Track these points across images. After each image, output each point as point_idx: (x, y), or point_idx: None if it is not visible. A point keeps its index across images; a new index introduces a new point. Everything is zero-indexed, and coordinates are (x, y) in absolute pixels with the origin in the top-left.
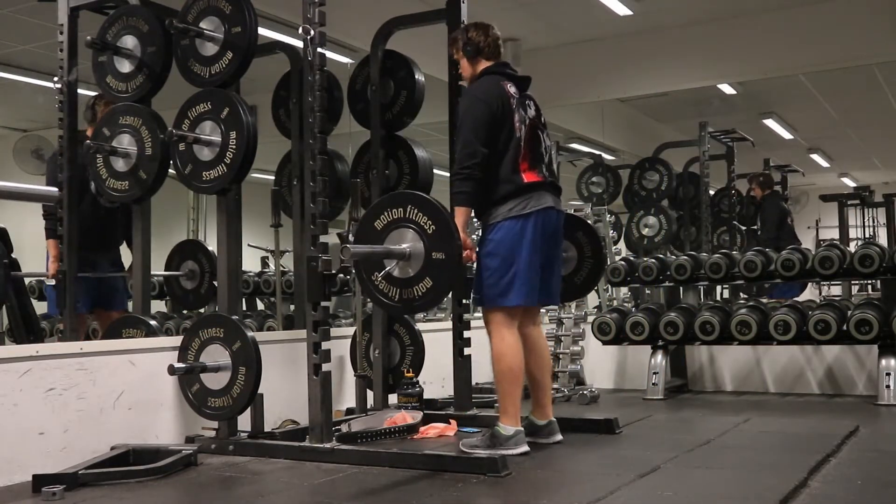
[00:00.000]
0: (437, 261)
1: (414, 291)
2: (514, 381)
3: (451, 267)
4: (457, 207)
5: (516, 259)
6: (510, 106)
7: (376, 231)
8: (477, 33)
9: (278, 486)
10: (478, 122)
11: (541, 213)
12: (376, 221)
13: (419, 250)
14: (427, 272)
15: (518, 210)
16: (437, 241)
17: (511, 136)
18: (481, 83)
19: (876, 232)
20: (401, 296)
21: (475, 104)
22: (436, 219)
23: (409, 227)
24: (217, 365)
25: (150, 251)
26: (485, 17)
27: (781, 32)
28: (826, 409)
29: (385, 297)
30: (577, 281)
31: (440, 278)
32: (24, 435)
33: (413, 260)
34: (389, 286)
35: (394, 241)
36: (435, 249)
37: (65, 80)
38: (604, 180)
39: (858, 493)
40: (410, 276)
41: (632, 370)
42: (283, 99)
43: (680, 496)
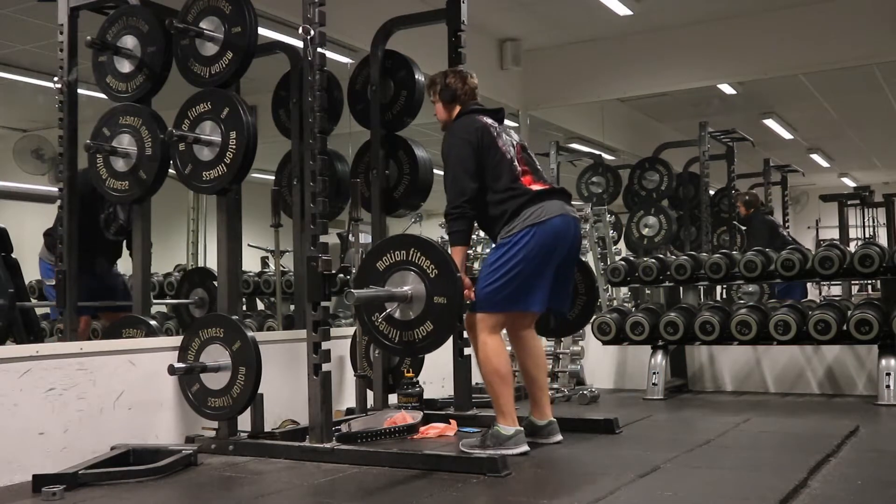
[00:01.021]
0: (439, 305)
1: (415, 334)
2: (503, 382)
3: (452, 311)
4: (452, 248)
5: (526, 268)
6: (492, 135)
7: (378, 272)
8: (455, 80)
9: (278, 486)
10: (463, 159)
11: (551, 221)
12: (378, 262)
13: (421, 293)
14: (428, 316)
15: (529, 221)
16: (440, 285)
17: (502, 159)
18: (459, 123)
19: (876, 232)
20: (401, 338)
21: (457, 143)
22: (438, 263)
23: (412, 270)
24: (217, 365)
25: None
26: (485, 16)
27: (781, 32)
28: (826, 409)
29: (385, 338)
30: (570, 317)
31: (441, 322)
32: (24, 435)
33: (415, 303)
34: (390, 328)
35: (395, 283)
36: (437, 294)
37: (65, 80)
38: (604, 180)
39: (858, 493)
40: (411, 319)
41: (632, 370)
42: (283, 99)
43: (680, 496)
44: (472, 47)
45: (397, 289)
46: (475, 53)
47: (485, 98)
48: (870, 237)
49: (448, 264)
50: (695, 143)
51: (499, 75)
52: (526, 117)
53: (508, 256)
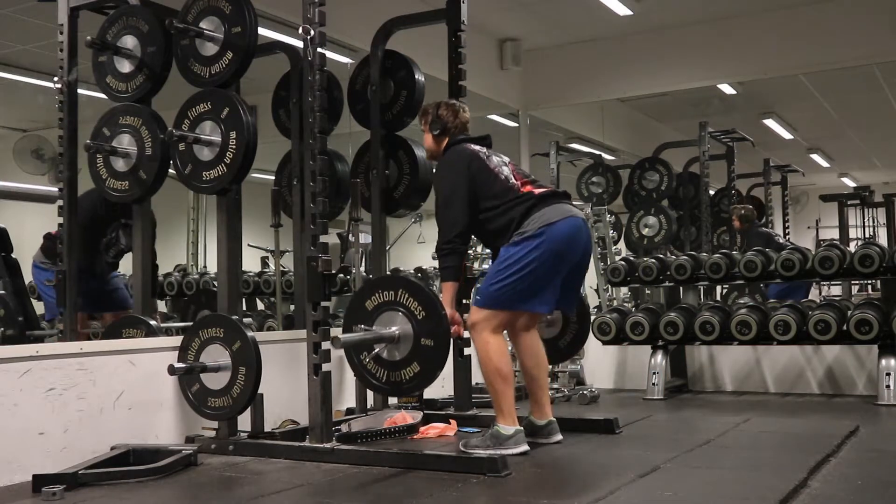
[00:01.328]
0: (426, 347)
1: (401, 375)
2: (504, 381)
3: (439, 354)
4: (443, 283)
5: (536, 269)
6: (482, 159)
7: (367, 311)
8: (446, 112)
9: (278, 486)
10: (454, 192)
11: (562, 223)
12: (367, 301)
13: (408, 333)
14: (415, 357)
15: (540, 223)
16: (427, 327)
17: (497, 177)
18: (448, 155)
19: (876, 232)
20: (388, 378)
21: (448, 175)
22: (426, 305)
23: (399, 311)
24: (217, 365)
25: (150, 251)
26: (485, 16)
27: (781, 32)
28: (826, 409)
29: (373, 377)
30: (562, 345)
31: (428, 364)
32: (24, 435)
33: (402, 343)
34: (378, 367)
35: (384, 323)
36: (424, 336)
37: (65, 80)
38: (604, 180)
39: (858, 493)
40: (398, 360)
41: (632, 370)
42: (283, 99)
43: (680, 496)
44: (471, 47)
45: (385, 330)
46: (475, 53)
47: (485, 98)
48: (870, 237)
49: (435, 306)
50: (695, 143)
51: (499, 75)
52: (526, 117)
53: (521, 255)
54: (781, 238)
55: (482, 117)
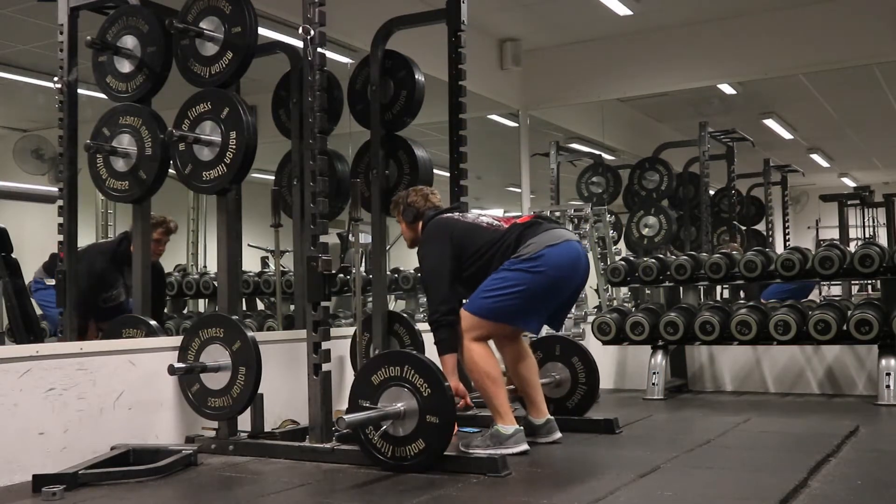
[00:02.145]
0: (431, 424)
1: (407, 451)
2: (494, 383)
3: (445, 431)
4: (441, 357)
5: (534, 288)
6: (460, 219)
7: (373, 386)
8: (417, 198)
9: (278, 486)
10: (438, 265)
11: (563, 245)
12: (373, 377)
13: (413, 409)
14: (420, 434)
15: (541, 244)
16: (432, 404)
17: (481, 228)
18: (428, 230)
19: (876, 232)
20: (393, 454)
21: (431, 250)
22: (431, 382)
23: (405, 387)
24: (217, 365)
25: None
26: (485, 16)
27: (781, 32)
28: (826, 409)
29: (378, 452)
30: (570, 405)
31: (433, 441)
32: (25, 435)
33: (407, 420)
34: (382, 442)
35: (390, 396)
36: (430, 413)
37: (65, 80)
38: (604, 180)
39: (858, 493)
40: (403, 436)
41: (632, 370)
42: (283, 99)
43: (680, 496)
44: (471, 47)
45: (390, 406)
46: (475, 53)
47: (485, 98)
48: (870, 237)
49: (441, 383)
50: (695, 143)
51: (498, 75)
52: (526, 117)
53: (519, 274)
54: None
55: (482, 117)
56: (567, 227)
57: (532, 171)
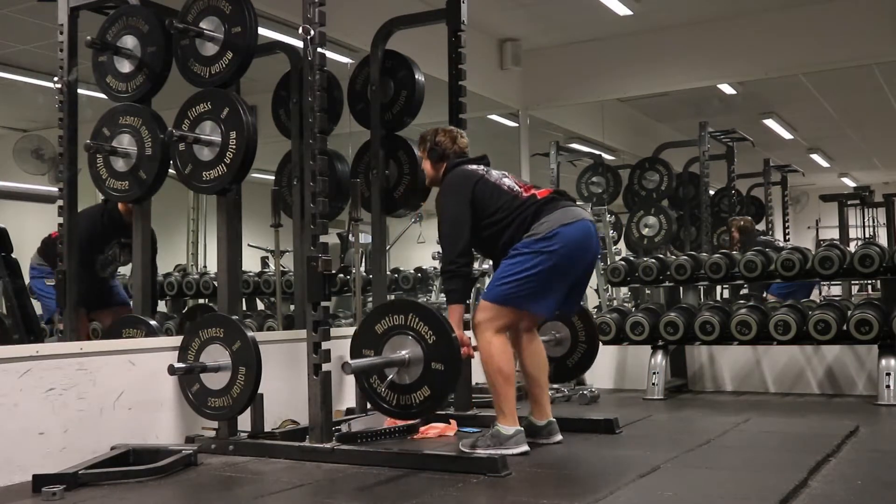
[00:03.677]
0: (437, 371)
1: (412, 398)
2: (506, 381)
3: (450, 378)
4: (449, 307)
5: (548, 270)
6: (480, 175)
7: (377, 335)
8: (445, 139)
9: (278, 486)
10: (457, 215)
11: (576, 225)
12: (377, 325)
13: (418, 358)
14: (426, 381)
15: (556, 223)
16: (438, 351)
17: (500, 189)
18: (448, 180)
19: (876, 232)
20: (398, 401)
21: (449, 200)
22: (436, 329)
23: (409, 335)
24: (217, 365)
25: (149, 251)
26: (485, 16)
27: (781, 32)
28: (826, 409)
29: (383, 401)
30: (570, 364)
31: (438, 388)
32: (24, 435)
33: (412, 367)
34: (388, 392)
35: (394, 346)
36: (434, 360)
37: (65, 80)
38: (604, 180)
39: (859, 493)
40: (408, 384)
41: (632, 370)
42: (283, 99)
43: (680, 496)
44: (471, 47)
45: (395, 354)
46: (475, 53)
47: (485, 98)
48: (870, 237)
49: (446, 330)
50: (695, 143)
51: (499, 75)
52: (526, 117)
53: (533, 255)
54: (782, 242)
55: (482, 117)
56: (583, 206)
57: (532, 171)
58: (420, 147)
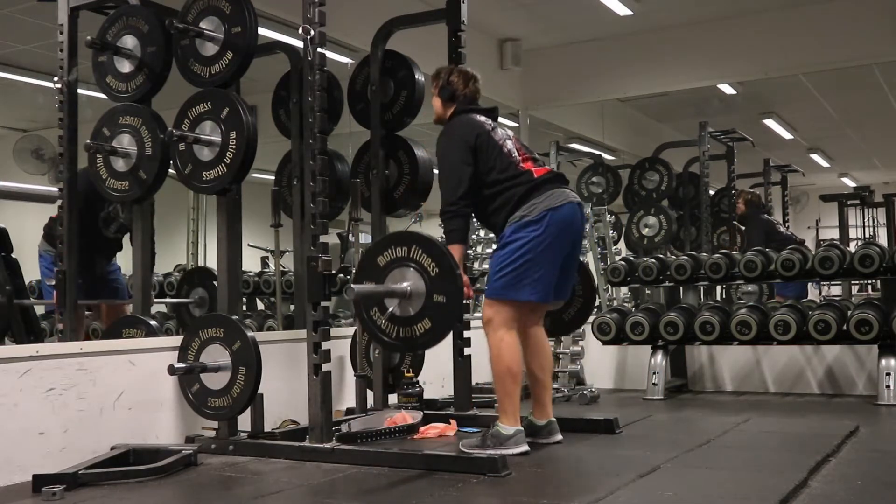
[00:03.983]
0: (438, 303)
1: (413, 331)
2: (514, 380)
3: (451, 310)
4: (450, 246)
5: (537, 256)
6: (486, 130)
7: (378, 267)
8: (457, 79)
9: (278, 487)
10: (459, 158)
11: (565, 207)
12: (379, 258)
13: (420, 290)
14: (427, 313)
15: (543, 206)
16: (440, 283)
17: (500, 151)
18: (453, 123)
19: (876, 232)
20: (398, 334)
21: (452, 143)
22: (439, 262)
23: (412, 267)
24: (217, 365)
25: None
26: (485, 16)
27: (781, 32)
28: (826, 409)
29: (383, 333)
30: (566, 318)
31: (440, 321)
32: (24, 435)
33: (413, 299)
34: (388, 324)
35: (395, 279)
36: (437, 292)
37: (65, 79)
38: (604, 180)
39: (859, 493)
40: (410, 316)
41: (632, 370)
42: (283, 99)
43: (680, 496)
44: (472, 47)
45: (397, 285)
46: (475, 53)
47: (485, 98)
48: (870, 237)
49: (449, 263)
50: (695, 143)
51: (499, 75)
52: (526, 117)
53: (524, 241)
54: (782, 226)
55: None
56: (571, 189)
57: None
58: (433, 82)
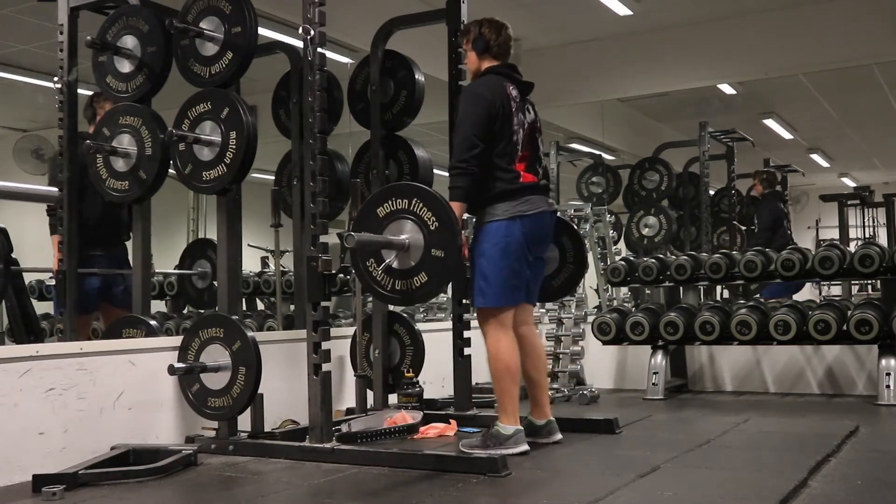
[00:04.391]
0: (436, 258)
1: (410, 283)
2: (512, 380)
3: (449, 266)
4: (451, 203)
5: (509, 261)
6: (510, 107)
7: (378, 218)
8: (489, 30)
9: (278, 487)
10: (478, 118)
11: (536, 216)
12: (379, 209)
13: (418, 243)
14: (424, 267)
15: (514, 211)
16: (439, 238)
17: (510, 137)
18: (483, 80)
19: (876, 232)
20: (394, 286)
21: (476, 100)
22: (440, 216)
23: (411, 220)
24: (217, 365)
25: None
26: (484, 16)
27: (781, 32)
28: (826, 409)
29: (381, 287)
30: (556, 284)
31: (437, 275)
32: (24, 435)
33: (412, 252)
34: (386, 276)
35: (393, 231)
36: (435, 246)
37: (65, 79)
38: (604, 180)
39: (858, 494)
40: (408, 269)
41: (632, 370)
42: (283, 99)
43: (680, 496)
44: None
45: (396, 237)
46: None
47: None
48: (870, 237)
49: (450, 217)
50: (695, 143)
51: None
52: None
53: (496, 243)
54: (788, 222)
55: None
56: (548, 199)
57: None
58: (463, 38)
